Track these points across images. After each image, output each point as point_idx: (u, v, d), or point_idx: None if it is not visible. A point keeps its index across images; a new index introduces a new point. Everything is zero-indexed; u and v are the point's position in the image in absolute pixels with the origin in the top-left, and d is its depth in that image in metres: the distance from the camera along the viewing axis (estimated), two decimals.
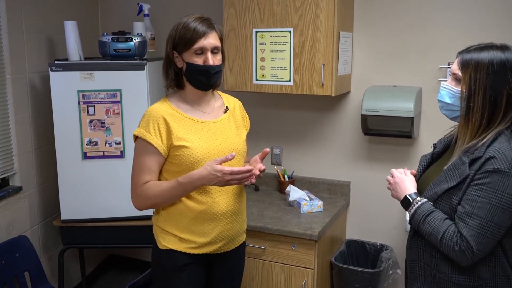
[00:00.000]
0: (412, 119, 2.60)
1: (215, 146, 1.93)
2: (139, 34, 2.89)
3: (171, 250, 1.95)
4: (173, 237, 1.94)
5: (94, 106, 2.78)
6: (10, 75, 2.79)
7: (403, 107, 2.60)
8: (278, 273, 2.64)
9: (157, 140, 1.87)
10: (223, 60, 1.97)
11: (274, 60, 2.70)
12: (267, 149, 1.93)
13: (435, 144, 1.89)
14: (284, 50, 2.67)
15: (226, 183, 1.81)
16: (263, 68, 2.74)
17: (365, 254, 3.00)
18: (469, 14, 2.67)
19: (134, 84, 2.78)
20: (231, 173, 1.79)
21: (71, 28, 2.87)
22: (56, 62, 2.78)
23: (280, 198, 3.07)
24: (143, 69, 2.77)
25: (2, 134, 2.77)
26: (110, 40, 2.80)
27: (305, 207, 2.80)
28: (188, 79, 1.93)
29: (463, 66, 1.63)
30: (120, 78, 2.78)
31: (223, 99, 2.09)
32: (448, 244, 1.59)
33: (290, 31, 2.64)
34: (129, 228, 2.86)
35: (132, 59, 2.82)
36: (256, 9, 2.69)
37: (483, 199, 1.55)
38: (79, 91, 2.76)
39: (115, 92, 2.79)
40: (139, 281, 2.35)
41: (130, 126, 2.79)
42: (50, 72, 2.75)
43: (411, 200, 1.72)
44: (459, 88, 1.65)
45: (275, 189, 3.25)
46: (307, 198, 2.86)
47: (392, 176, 1.83)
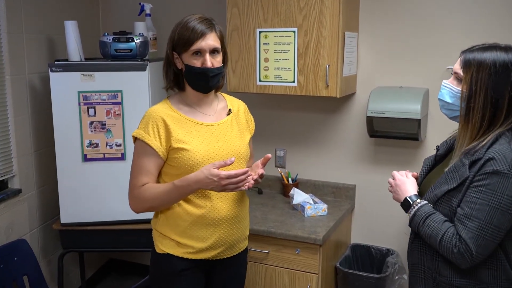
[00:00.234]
0: (419, 121, 2.60)
1: (215, 149, 1.91)
2: (141, 34, 2.89)
3: (169, 254, 1.94)
4: (170, 241, 1.94)
5: (95, 107, 2.79)
6: (10, 76, 2.80)
7: (409, 108, 2.59)
8: (281, 278, 2.64)
9: (155, 142, 1.87)
10: (225, 61, 1.96)
11: (278, 60, 2.70)
12: (269, 154, 1.91)
13: (438, 147, 1.89)
14: (288, 51, 2.67)
15: (222, 188, 1.78)
16: (266, 69, 2.74)
17: (370, 258, 3.00)
18: (476, 14, 2.66)
19: (136, 85, 2.79)
20: (228, 177, 1.76)
21: (71, 28, 2.87)
22: (56, 62, 2.78)
23: (283, 201, 3.07)
24: (144, 69, 2.78)
25: (1, 135, 2.78)
26: (111, 40, 2.81)
27: (309, 211, 2.80)
28: (188, 81, 1.92)
29: (465, 65, 1.64)
30: (121, 79, 2.78)
31: (227, 101, 2.08)
32: (447, 247, 1.60)
33: (294, 31, 2.64)
34: (130, 231, 2.86)
35: (133, 60, 2.82)
36: (260, 8, 2.69)
37: (482, 201, 1.56)
38: (79, 92, 2.77)
39: (116, 93, 2.79)
40: (139, 285, 2.35)
41: (131, 127, 2.79)
42: (50, 72, 2.76)
43: (411, 202, 1.73)
44: (460, 88, 1.66)
45: (278, 192, 3.24)
46: (311, 202, 2.86)
47: (394, 179, 1.85)
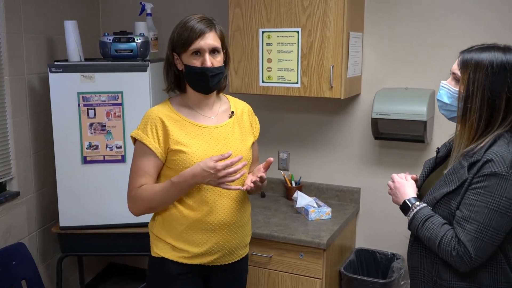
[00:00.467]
0: (425, 123, 2.59)
1: (214, 152, 1.90)
2: (142, 34, 2.90)
3: (163, 258, 1.94)
4: (166, 244, 1.94)
5: (95, 109, 2.79)
6: (8, 76, 2.81)
7: (415, 110, 2.59)
8: (284, 282, 2.64)
9: (154, 143, 1.87)
10: (226, 62, 1.96)
11: (281, 61, 2.70)
12: (271, 158, 1.89)
13: (438, 149, 1.91)
14: (292, 51, 2.67)
15: (219, 180, 1.79)
16: (269, 69, 2.74)
17: (375, 263, 2.99)
18: (483, 14, 2.66)
19: (136, 86, 2.79)
20: (224, 167, 1.77)
21: (71, 28, 2.88)
22: (55, 63, 2.79)
23: (287, 204, 3.07)
24: (145, 70, 2.78)
25: (0, 137, 2.78)
26: (111, 41, 2.81)
27: (313, 214, 2.80)
28: (188, 82, 1.92)
29: (463, 66, 1.65)
30: (122, 79, 2.79)
31: (231, 103, 2.07)
32: (446, 249, 1.61)
33: (298, 31, 2.64)
34: (130, 235, 2.86)
35: (134, 60, 2.82)
36: (263, 8, 2.69)
37: (480, 203, 1.57)
38: (79, 93, 2.77)
39: (116, 94, 2.79)
40: None
41: (132, 129, 2.75)
42: (50, 73, 2.76)
43: (410, 205, 1.75)
44: (458, 88, 1.67)
45: (281, 195, 3.24)
46: (315, 205, 2.86)
47: (393, 181, 1.87)
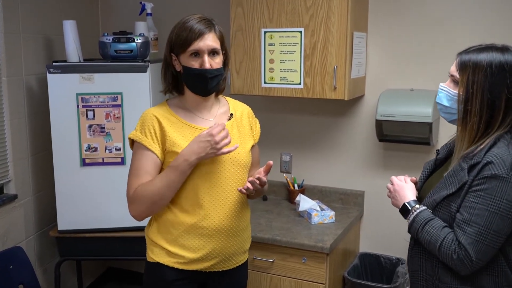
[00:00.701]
0: (430, 124, 2.59)
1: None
2: (142, 35, 2.90)
3: (158, 263, 1.93)
4: (161, 250, 1.93)
5: (94, 110, 2.79)
6: (6, 77, 2.81)
7: (420, 112, 2.59)
8: None
9: (153, 144, 1.87)
10: (225, 63, 1.96)
11: (284, 62, 2.71)
12: (271, 161, 1.89)
13: (438, 150, 1.91)
14: (294, 52, 2.67)
15: (219, 145, 1.80)
16: (272, 70, 2.74)
17: (380, 268, 2.98)
18: (489, 14, 2.67)
19: (136, 87, 2.79)
20: (216, 132, 1.80)
21: (70, 28, 2.88)
22: (54, 63, 2.79)
23: (289, 208, 3.06)
24: (145, 71, 2.78)
25: None
26: (110, 41, 2.82)
27: (316, 218, 2.79)
28: (186, 83, 1.91)
29: (461, 67, 1.66)
30: (121, 80, 2.79)
31: (230, 105, 2.06)
32: (446, 253, 1.62)
33: (301, 31, 2.64)
34: (129, 239, 2.86)
35: (134, 61, 2.83)
36: (265, 8, 2.69)
37: (481, 205, 1.58)
38: (78, 94, 2.78)
39: (115, 96, 2.80)
40: None
41: (132, 131, 2.79)
42: (48, 74, 2.77)
43: (410, 207, 1.75)
44: (457, 91, 1.68)
45: (284, 198, 3.24)
46: (318, 208, 2.85)
47: (392, 184, 1.87)
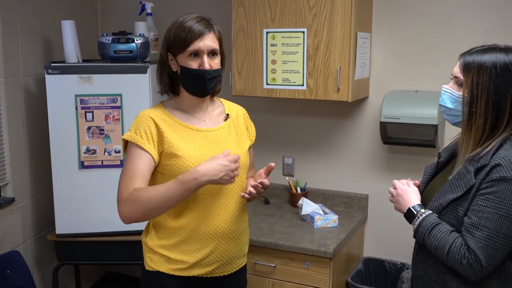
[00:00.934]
0: (435, 127, 2.59)
1: (208, 157, 1.87)
2: (141, 35, 2.90)
3: (158, 272, 1.91)
4: (161, 257, 1.91)
5: (93, 112, 2.80)
6: (3, 78, 2.82)
7: (426, 114, 2.59)
8: None
9: (149, 145, 1.84)
10: (223, 64, 1.95)
11: (286, 63, 2.71)
12: (272, 163, 1.88)
13: (439, 153, 1.91)
14: (297, 52, 2.67)
15: (232, 174, 1.78)
16: (274, 71, 2.74)
17: (384, 273, 2.98)
18: (496, 15, 2.66)
19: (136, 88, 2.79)
20: (235, 160, 1.79)
21: (68, 28, 2.89)
22: (52, 64, 2.80)
23: (292, 211, 3.06)
24: (145, 72, 2.78)
25: None
26: (110, 41, 2.82)
27: (319, 222, 2.79)
28: (183, 84, 1.90)
29: (465, 69, 1.67)
30: (121, 81, 2.79)
31: (225, 106, 2.06)
32: (455, 258, 1.61)
33: (304, 32, 2.64)
34: (128, 243, 2.86)
35: (133, 62, 2.83)
36: (267, 8, 2.69)
37: (490, 209, 1.58)
38: (76, 96, 2.78)
39: (115, 97, 2.80)
40: None
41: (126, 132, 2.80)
42: (46, 75, 2.77)
43: (415, 212, 1.75)
44: (461, 92, 1.68)
45: (286, 202, 3.24)
46: (321, 212, 2.85)
47: (395, 188, 1.86)
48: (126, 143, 1.90)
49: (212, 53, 1.87)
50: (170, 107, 1.95)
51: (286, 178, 3.20)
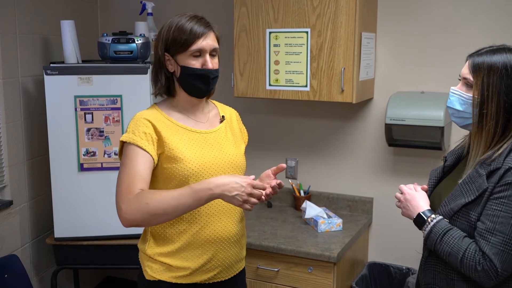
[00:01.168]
0: (442, 129, 2.59)
1: (211, 159, 1.87)
2: (142, 35, 2.91)
3: (160, 281, 1.89)
4: (161, 265, 1.89)
5: (92, 113, 2.80)
6: (2, 79, 2.82)
7: (432, 115, 2.59)
8: None
9: (148, 145, 1.80)
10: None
11: (290, 63, 2.71)
12: (284, 164, 1.88)
13: (445, 157, 1.90)
14: (301, 53, 2.67)
15: (246, 198, 1.67)
16: (277, 72, 2.74)
17: (389, 278, 2.98)
18: (503, 15, 2.66)
19: (136, 89, 2.80)
20: (256, 186, 1.68)
21: (68, 28, 2.89)
22: (51, 65, 2.80)
23: (295, 215, 3.06)
24: (145, 73, 2.79)
25: None
26: (110, 41, 2.82)
27: (322, 226, 2.79)
28: (183, 84, 1.88)
29: (475, 70, 1.67)
30: (121, 82, 2.79)
31: (218, 108, 2.06)
32: (470, 264, 1.59)
33: (307, 32, 2.64)
34: (128, 247, 2.86)
35: (134, 62, 2.83)
36: (270, 7, 2.70)
37: (505, 213, 1.56)
38: (76, 97, 2.78)
39: (115, 98, 2.80)
40: None
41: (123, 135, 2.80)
42: (45, 75, 2.77)
43: (425, 218, 1.72)
44: (471, 94, 1.68)
45: (289, 205, 3.23)
46: (325, 216, 2.85)
47: (402, 193, 1.85)
48: (122, 146, 1.84)
49: (213, 52, 1.87)
50: (166, 108, 1.93)
51: (289, 181, 3.20)
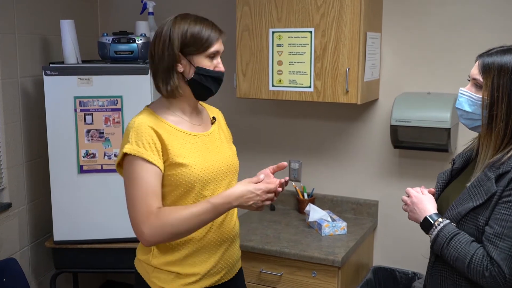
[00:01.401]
0: (448, 130, 2.58)
1: (213, 162, 1.87)
2: (143, 35, 2.91)
3: None
4: (169, 274, 1.86)
5: (92, 114, 2.80)
6: (0, 80, 2.83)
7: (438, 116, 2.58)
8: None
9: (154, 156, 1.76)
10: None
11: (293, 63, 2.70)
12: (285, 163, 1.88)
13: (453, 160, 1.89)
14: (304, 53, 2.67)
15: (261, 203, 1.78)
16: (280, 72, 2.74)
17: (394, 283, 2.97)
18: (508, 16, 2.65)
19: (137, 90, 2.80)
20: (269, 191, 1.77)
21: (67, 28, 2.90)
22: (50, 65, 2.81)
23: (298, 218, 3.06)
24: (146, 73, 2.79)
25: None
26: (110, 41, 2.83)
27: (326, 229, 2.79)
28: (193, 85, 1.85)
29: (485, 70, 1.66)
30: (121, 83, 2.79)
31: (206, 109, 2.05)
32: (477, 270, 1.58)
33: (311, 32, 2.64)
34: (128, 250, 2.85)
35: (134, 62, 2.84)
36: (273, 7, 2.69)
37: None
38: (75, 98, 2.78)
39: (115, 99, 2.80)
40: None
41: (125, 145, 2.79)
42: (44, 76, 2.78)
43: (432, 221, 1.72)
44: (480, 95, 1.67)
45: (293, 208, 3.23)
46: (329, 219, 2.84)
47: (408, 196, 1.84)
48: (123, 157, 1.80)
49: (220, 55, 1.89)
50: (161, 111, 1.87)
51: (293, 183, 3.19)
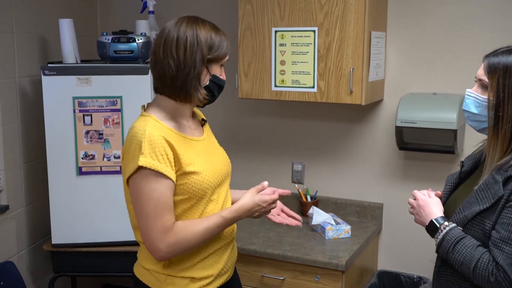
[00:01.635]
0: (455, 132, 2.58)
1: (217, 166, 1.89)
2: (143, 34, 2.91)
3: None
4: (183, 279, 1.86)
5: (91, 115, 2.80)
6: None
7: (444, 118, 2.58)
8: None
9: (167, 168, 1.73)
10: None
11: (296, 63, 2.70)
12: (288, 191, 2.02)
13: (462, 162, 1.89)
14: (307, 52, 2.67)
15: (265, 214, 1.92)
16: (283, 72, 2.74)
17: (399, 287, 2.96)
18: (510, 15, 2.66)
19: (137, 90, 2.79)
20: (274, 201, 1.89)
21: (66, 27, 2.90)
22: (49, 65, 2.81)
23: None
24: (146, 73, 2.79)
25: None
26: (110, 41, 2.83)
27: (330, 232, 2.78)
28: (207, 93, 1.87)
29: (490, 71, 1.66)
30: (121, 83, 2.79)
31: (194, 111, 2.03)
32: (483, 275, 1.59)
33: (314, 31, 2.64)
34: (128, 254, 2.85)
35: (134, 62, 2.84)
36: (276, 5, 2.69)
37: None
38: (74, 98, 2.78)
39: (115, 99, 2.80)
40: None
41: (139, 157, 2.79)
42: (43, 76, 2.78)
43: (438, 225, 1.73)
44: (486, 96, 1.67)
45: (295, 211, 3.21)
46: (333, 222, 2.84)
47: (415, 199, 1.85)
48: (137, 169, 1.74)
49: None
50: (161, 117, 1.83)
51: (296, 185, 3.19)
